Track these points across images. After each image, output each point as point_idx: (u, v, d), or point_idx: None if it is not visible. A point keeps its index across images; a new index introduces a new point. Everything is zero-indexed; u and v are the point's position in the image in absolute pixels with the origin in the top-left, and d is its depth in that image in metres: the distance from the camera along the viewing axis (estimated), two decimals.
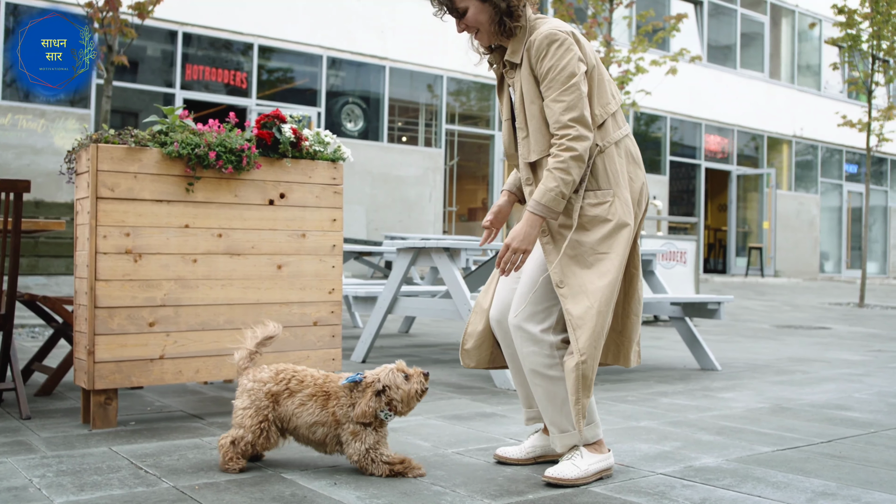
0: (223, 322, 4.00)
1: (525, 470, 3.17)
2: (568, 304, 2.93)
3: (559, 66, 2.94)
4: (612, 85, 3.14)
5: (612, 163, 3.04)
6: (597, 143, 3.03)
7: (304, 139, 4.25)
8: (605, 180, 3.02)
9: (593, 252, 2.98)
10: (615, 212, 3.00)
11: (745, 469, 3.22)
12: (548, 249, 3.02)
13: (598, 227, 2.99)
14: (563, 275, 2.96)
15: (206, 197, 3.97)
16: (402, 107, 17.31)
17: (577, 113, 2.92)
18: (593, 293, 2.93)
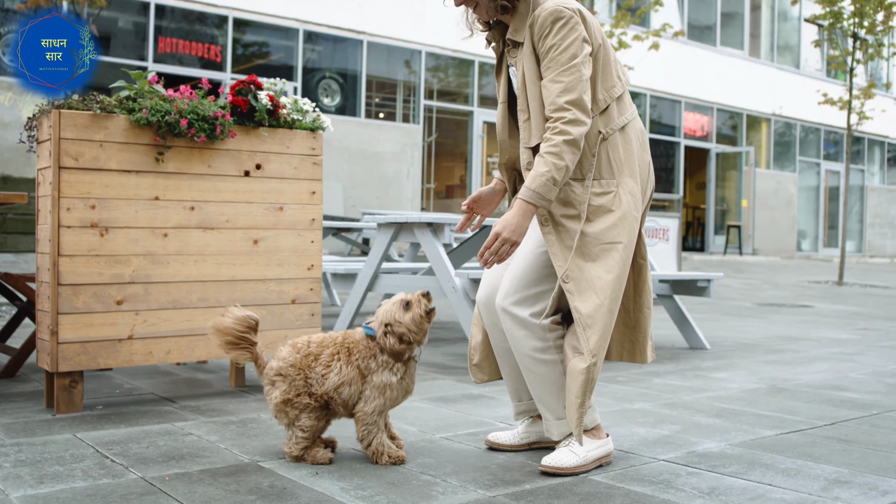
0: (196, 300, 3.78)
1: (519, 457, 2.98)
2: (576, 301, 2.73)
3: (561, 46, 2.72)
4: (619, 66, 2.93)
5: (616, 150, 2.84)
6: (599, 129, 2.82)
7: (282, 107, 4.02)
8: (608, 169, 2.82)
9: (598, 243, 2.78)
10: (619, 202, 2.81)
11: (751, 455, 3.05)
12: (550, 240, 2.80)
13: (603, 217, 2.80)
14: (569, 268, 2.76)
15: (178, 167, 3.73)
16: (379, 82, 17.02)
17: (574, 95, 2.70)
18: (602, 289, 2.74)
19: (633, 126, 2.90)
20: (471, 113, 18.26)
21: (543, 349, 2.80)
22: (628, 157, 2.85)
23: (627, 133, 2.87)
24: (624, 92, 2.90)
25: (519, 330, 2.81)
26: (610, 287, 2.75)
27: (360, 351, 2.88)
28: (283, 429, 3.26)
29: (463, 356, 5.39)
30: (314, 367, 2.86)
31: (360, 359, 2.86)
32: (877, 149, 28.47)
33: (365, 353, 2.87)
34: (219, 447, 3.01)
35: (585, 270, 2.75)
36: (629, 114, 2.90)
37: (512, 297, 2.82)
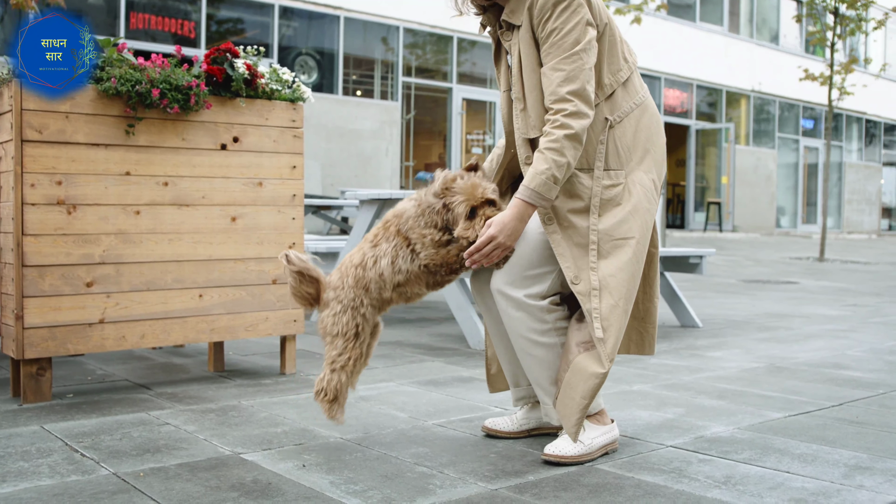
0: (171, 281, 3.57)
1: (518, 444, 2.81)
2: (589, 304, 2.54)
3: (563, 30, 2.50)
4: (626, 46, 2.71)
5: (625, 138, 2.63)
6: (606, 116, 2.62)
7: (260, 76, 3.80)
8: (615, 159, 2.62)
9: (609, 239, 2.58)
10: (629, 194, 2.61)
11: (763, 439, 2.89)
12: (556, 240, 2.59)
13: (613, 211, 2.60)
14: (578, 269, 2.57)
15: (150, 141, 3.51)
16: (357, 59, 16.73)
17: (576, 85, 2.49)
18: (616, 289, 2.55)
19: (644, 109, 2.70)
20: (450, 90, 18.02)
21: (542, 331, 2.62)
22: (637, 144, 2.65)
23: (637, 118, 2.67)
24: (632, 74, 2.70)
25: (515, 311, 2.63)
26: (624, 286, 2.56)
27: (402, 216, 2.71)
28: (266, 418, 3.07)
29: (448, 337, 5.21)
30: (369, 272, 2.71)
31: (401, 223, 2.70)
32: (854, 125, 28.49)
33: (412, 212, 2.69)
34: (197, 438, 2.81)
35: (597, 269, 2.57)
36: (639, 97, 2.69)
37: (508, 279, 2.63)
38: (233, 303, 3.73)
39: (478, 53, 18.55)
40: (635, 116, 2.66)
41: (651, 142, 2.69)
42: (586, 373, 2.52)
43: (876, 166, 29.59)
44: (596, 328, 2.53)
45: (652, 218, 2.67)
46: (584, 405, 2.53)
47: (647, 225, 2.63)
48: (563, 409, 2.57)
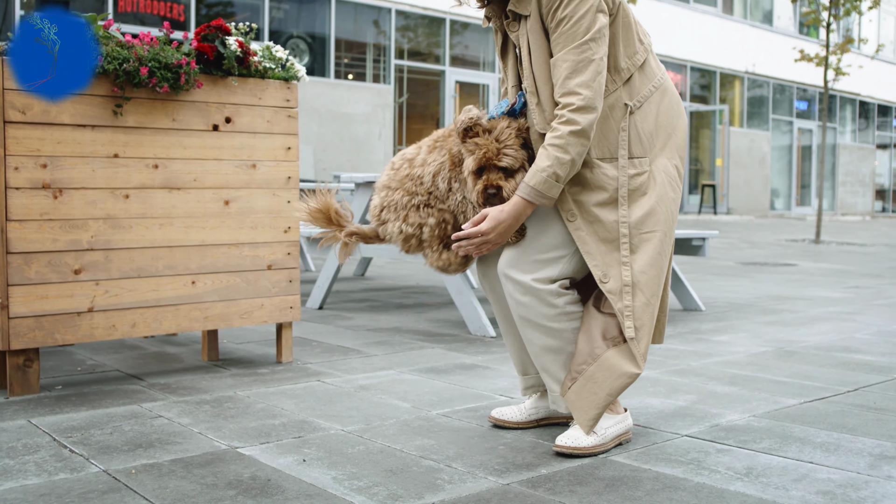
0: (162, 267, 3.44)
1: (528, 435, 2.69)
2: (626, 300, 2.43)
3: (573, 18, 2.36)
4: (640, 27, 2.56)
5: (646, 123, 2.50)
6: (625, 101, 2.49)
7: (253, 54, 3.66)
8: (638, 146, 2.49)
9: (637, 233, 2.47)
10: (654, 182, 2.49)
11: (781, 427, 2.78)
12: (581, 238, 2.47)
13: (639, 202, 2.48)
14: (606, 265, 2.45)
15: (139, 121, 3.37)
16: (348, 41, 16.54)
17: (585, 76, 2.36)
18: (647, 286, 2.46)
19: (664, 92, 2.57)
20: (443, 72, 17.85)
21: (551, 317, 2.50)
22: (659, 129, 2.53)
23: (658, 101, 2.54)
24: (648, 56, 2.56)
25: (522, 296, 2.50)
26: (655, 283, 2.46)
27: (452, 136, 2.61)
28: (263, 410, 2.95)
29: (447, 322, 5.09)
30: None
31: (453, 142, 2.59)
32: (848, 106, 28.40)
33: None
34: (192, 432, 2.68)
35: (629, 265, 2.46)
36: (657, 79, 2.56)
37: (515, 262, 2.51)
38: (227, 289, 3.60)
39: (470, 36, 18.38)
40: (655, 100, 2.54)
41: (673, 125, 2.57)
42: (618, 370, 2.42)
43: (869, 148, 29.53)
44: (628, 327, 2.43)
45: (676, 207, 2.55)
46: (607, 402, 2.43)
47: (672, 216, 2.52)
48: (580, 401, 2.46)
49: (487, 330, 4.61)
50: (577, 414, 2.47)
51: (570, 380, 2.49)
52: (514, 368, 3.68)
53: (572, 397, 2.48)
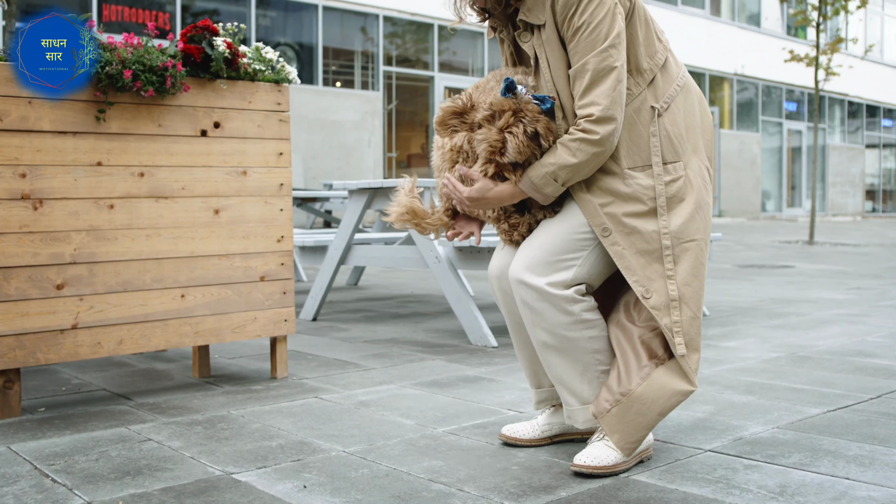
0: (150, 281, 3.27)
1: (542, 454, 2.53)
2: (674, 316, 2.30)
3: (592, 23, 2.21)
4: (656, 25, 2.42)
5: (676, 124, 2.36)
6: (652, 104, 2.34)
7: (242, 55, 3.49)
8: (671, 150, 2.34)
9: (678, 243, 2.33)
10: (690, 187, 2.35)
11: (808, 440, 2.62)
12: (617, 253, 2.32)
13: (677, 209, 2.33)
14: (647, 279, 2.31)
15: (123, 127, 3.20)
16: (336, 48, 16.39)
17: (605, 86, 2.22)
18: (692, 299, 2.33)
19: (688, 90, 2.43)
20: (431, 78, 17.71)
21: (567, 325, 2.34)
22: (689, 130, 2.39)
23: (683, 101, 2.39)
24: (668, 54, 2.41)
25: (536, 302, 2.34)
26: (698, 294, 2.34)
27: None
28: (259, 430, 2.78)
29: (446, 332, 4.93)
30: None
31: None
32: (837, 107, 28.39)
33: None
34: (183, 456, 2.51)
35: (674, 277, 2.32)
36: (680, 78, 2.41)
37: (528, 265, 2.35)
38: (218, 303, 3.44)
39: (459, 42, 18.25)
40: (681, 99, 2.39)
41: (700, 124, 2.44)
42: (670, 389, 2.29)
43: (859, 148, 29.52)
44: (679, 344, 2.28)
45: (710, 212, 2.41)
46: (656, 423, 2.30)
47: (708, 222, 2.38)
48: (623, 423, 2.30)
49: (489, 340, 4.45)
50: (617, 437, 2.31)
51: (609, 402, 2.33)
52: (521, 381, 3.53)
53: (613, 421, 2.31)
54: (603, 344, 2.39)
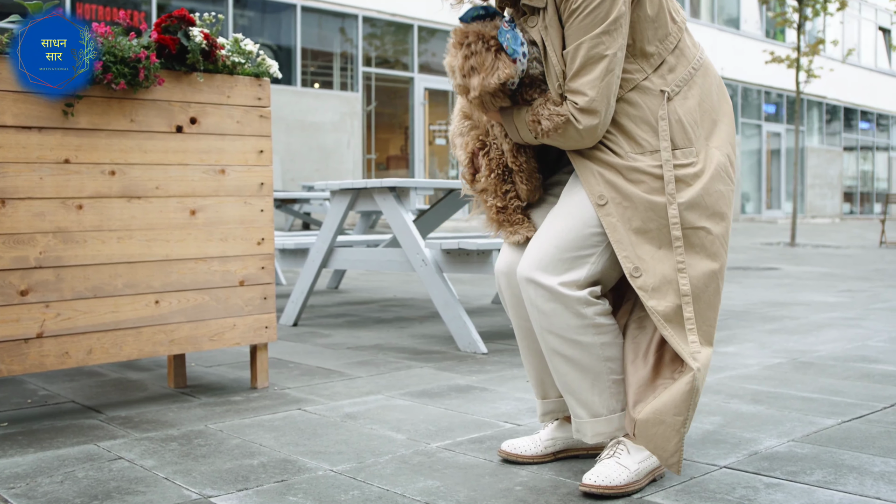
0: (122, 286, 3.06)
1: (546, 472, 2.35)
2: (688, 312, 2.14)
3: (590, 6, 2.05)
4: (671, 2, 2.23)
5: (688, 109, 2.18)
6: (661, 88, 2.17)
7: (220, 47, 3.30)
8: (682, 135, 2.17)
9: (692, 233, 2.17)
10: (702, 174, 2.17)
11: (828, 454, 2.46)
12: (610, 223, 2.15)
13: (682, 193, 2.16)
14: (639, 258, 2.14)
15: (92, 123, 3.00)
16: (315, 48, 16.17)
17: (593, 75, 2.07)
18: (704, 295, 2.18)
19: (706, 72, 2.25)
20: (411, 79, 17.53)
21: (579, 328, 2.16)
22: (704, 115, 2.21)
23: (700, 84, 2.22)
24: (683, 35, 2.24)
25: (547, 303, 2.16)
26: (702, 280, 2.16)
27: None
28: (239, 447, 2.59)
29: (433, 338, 4.74)
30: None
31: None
32: (815, 109, 28.46)
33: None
34: (156, 477, 2.31)
35: (661, 261, 2.14)
36: (696, 60, 2.23)
37: (538, 263, 2.18)
38: (194, 309, 3.23)
39: (438, 43, 18.08)
40: (696, 83, 2.22)
41: (718, 109, 2.25)
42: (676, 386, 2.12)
43: (837, 150, 29.61)
44: (692, 342, 2.11)
45: (729, 201, 2.23)
46: (680, 423, 2.12)
47: (719, 211, 2.20)
48: (659, 439, 2.13)
49: (478, 346, 4.27)
50: (658, 453, 2.13)
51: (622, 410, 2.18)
52: (516, 390, 3.35)
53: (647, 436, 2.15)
54: (616, 352, 2.21)
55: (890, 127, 32.84)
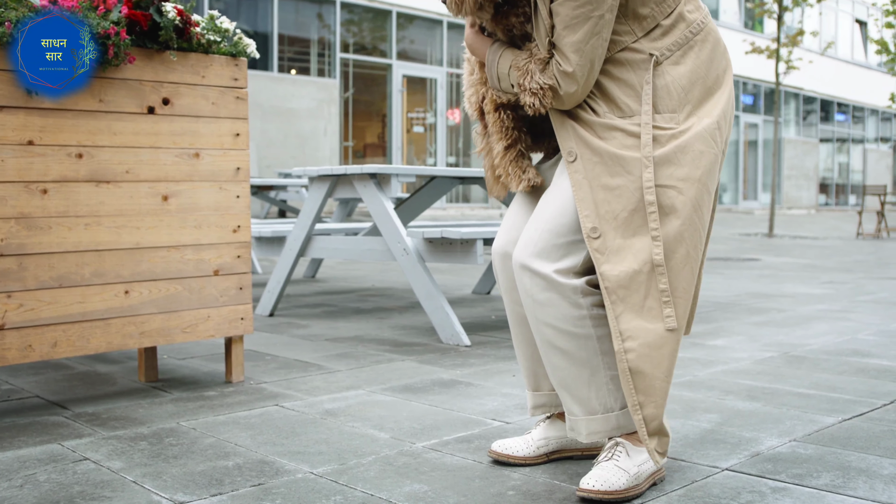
0: (90, 275, 2.90)
1: (540, 474, 2.22)
2: (662, 283, 2.01)
3: None
4: None
5: (679, 74, 2.04)
6: (651, 52, 2.03)
7: (194, 24, 3.13)
8: (667, 100, 2.02)
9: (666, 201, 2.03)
10: (683, 135, 2.03)
11: (833, 455, 2.35)
12: (576, 180, 2.03)
13: (663, 164, 2.02)
14: (601, 218, 2.01)
15: (59, 103, 2.83)
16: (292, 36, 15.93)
17: (577, 37, 1.95)
18: (641, 250, 2.01)
19: (705, 37, 2.10)
20: (389, 66, 17.33)
21: (577, 318, 2.03)
22: (695, 82, 2.05)
23: (696, 50, 2.07)
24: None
25: (542, 293, 2.03)
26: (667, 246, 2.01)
27: None
28: (213, 446, 2.44)
29: (414, 330, 4.61)
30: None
31: None
32: (792, 101, 28.52)
33: None
34: (124, 480, 2.16)
35: (625, 223, 2.01)
36: (696, 24, 2.09)
37: (533, 247, 2.05)
38: (166, 300, 3.08)
39: (417, 30, 17.90)
40: (693, 48, 2.08)
41: (714, 78, 2.11)
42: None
43: (813, 142, 29.70)
44: (668, 316, 1.99)
45: (711, 168, 2.08)
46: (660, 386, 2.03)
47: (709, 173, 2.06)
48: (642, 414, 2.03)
49: (461, 338, 4.14)
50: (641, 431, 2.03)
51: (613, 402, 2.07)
52: (502, 385, 3.23)
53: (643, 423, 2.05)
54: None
55: (865, 119, 33.00)
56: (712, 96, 2.08)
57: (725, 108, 2.11)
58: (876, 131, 33.84)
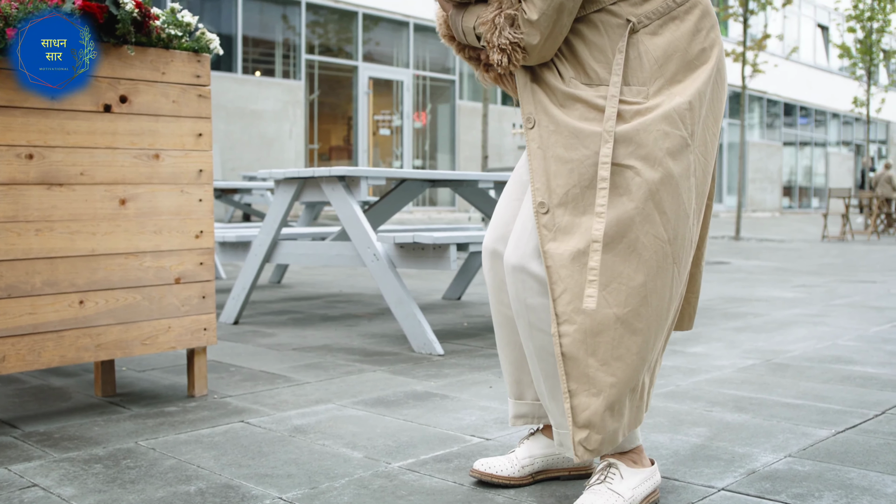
0: (40, 284, 2.71)
1: (526, 497, 2.08)
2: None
3: None
4: None
5: (654, 46, 1.87)
6: (628, 17, 1.89)
7: (154, 17, 2.96)
8: (638, 72, 1.86)
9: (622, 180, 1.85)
10: (650, 112, 1.85)
11: (832, 472, 2.23)
12: (532, 149, 1.89)
13: (621, 141, 1.85)
14: (551, 191, 1.87)
15: (7, 99, 2.64)
16: (256, 37, 15.70)
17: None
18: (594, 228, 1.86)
19: (689, 9, 1.92)
20: (355, 68, 17.15)
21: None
22: (671, 56, 1.88)
23: (677, 21, 1.91)
24: None
25: (535, 297, 1.88)
26: (615, 227, 1.83)
27: None
28: (173, 469, 2.27)
29: (384, 338, 4.45)
30: None
31: None
32: (756, 105, 28.71)
33: None
34: None
35: (576, 199, 1.86)
36: None
37: (525, 247, 1.90)
38: (124, 310, 2.90)
39: (383, 32, 17.73)
40: (676, 18, 1.90)
41: (696, 53, 1.92)
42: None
43: (777, 145, 29.93)
44: (589, 296, 1.80)
45: (677, 151, 1.87)
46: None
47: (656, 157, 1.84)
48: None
49: (434, 347, 3.99)
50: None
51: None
52: (479, 397, 3.09)
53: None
54: None
55: (827, 122, 33.33)
56: (692, 73, 1.91)
57: (703, 88, 1.91)
58: (838, 135, 34.19)
